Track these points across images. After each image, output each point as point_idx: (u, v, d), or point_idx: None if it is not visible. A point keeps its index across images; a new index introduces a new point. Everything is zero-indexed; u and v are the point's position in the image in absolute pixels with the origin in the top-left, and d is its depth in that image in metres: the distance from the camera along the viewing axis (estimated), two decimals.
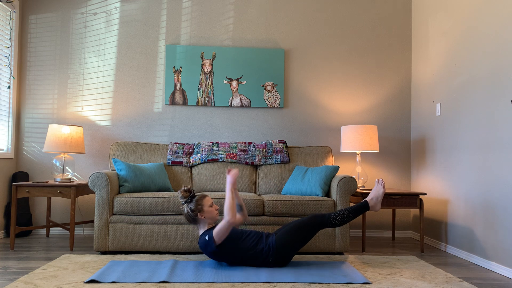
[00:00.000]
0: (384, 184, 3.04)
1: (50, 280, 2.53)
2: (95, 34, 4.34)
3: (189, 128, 4.35)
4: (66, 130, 3.79)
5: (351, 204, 4.37)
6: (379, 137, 4.46)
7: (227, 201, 2.75)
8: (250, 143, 4.08)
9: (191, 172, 3.98)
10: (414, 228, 4.37)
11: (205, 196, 2.98)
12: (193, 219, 2.92)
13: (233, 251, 2.81)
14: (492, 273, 2.95)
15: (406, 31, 4.53)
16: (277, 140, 4.09)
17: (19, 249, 3.48)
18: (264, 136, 4.39)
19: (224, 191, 3.88)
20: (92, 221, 3.98)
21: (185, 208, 2.94)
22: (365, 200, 3.01)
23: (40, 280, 2.52)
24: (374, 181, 4.44)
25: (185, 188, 2.96)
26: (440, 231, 3.83)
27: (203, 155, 3.96)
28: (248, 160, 3.98)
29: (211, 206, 2.94)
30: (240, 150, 4.01)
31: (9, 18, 4.07)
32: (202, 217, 2.92)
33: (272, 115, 4.40)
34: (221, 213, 3.32)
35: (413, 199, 3.61)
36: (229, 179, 2.84)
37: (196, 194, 3.00)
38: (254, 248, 2.82)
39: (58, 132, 3.76)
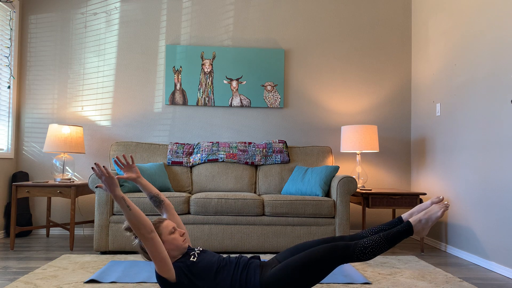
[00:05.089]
0: (447, 207, 2.09)
1: (50, 280, 2.53)
2: (95, 34, 4.34)
3: (189, 128, 4.35)
4: (66, 130, 3.79)
5: (351, 204, 4.37)
6: (379, 137, 4.46)
7: (126, 214, 1.83)
8: (250, 143, 4.08)
9: (191, 172, 3.98)
10: None
11: (162, 220, 2.07)
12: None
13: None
14: (492, 273, 2.95)
15: (406, 31, 4.53)
16: (277, 140, 4.09)
17: (19, 249, 3.48)
18: (264, 136, 4.39)
19: (226, 191, 3.88)
20: (92, 221, 3.98)
21: (139, 243, 2.04)
22: (408, 221, 2.05)
23: (40, 280, 2.52)
24: (374, 181, 4.43)
25: None
26: (440, 231, 3.83)
27: (203, 155, 3.96)
28: (248, 160, 3.98)
29: (172, 232, 2.03)
30: (240, 150, 4.01)
31: (9, 18, 4.07)
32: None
33: (272, 115, 4.40)
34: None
35: (413, 199, 3.62)
36: (107, 184, 1.88)
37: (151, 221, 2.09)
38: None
39: (58, 132, 3.76)
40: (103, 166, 1.89)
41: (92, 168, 1.81)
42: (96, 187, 1.84)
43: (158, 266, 1.90)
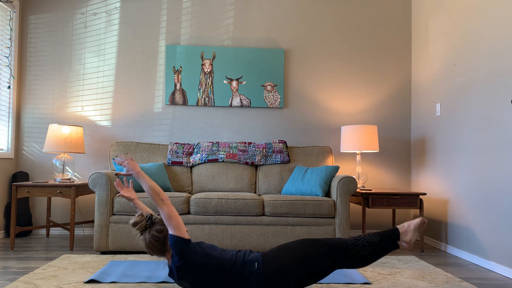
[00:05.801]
0: (424, 222, 2.30)
1: (50, 280, 2.53)
2: (95, 34, 4.34)
3: (189, 128, 4.35)
4: (66, 130, 3.79)
5: (351, 204, 4.37)
6: (379, 137, 4.46)
7: (147, 184, 2.11)
8: (250, 143, 4.08)
9: (191, 172, 3.98)
10: None
11: None
12: (163, 242, 2.16)
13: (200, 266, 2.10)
14: (492, 273, 2.95)
15: (406, 31, 4.53)
16: (277, 140, 4.09)
17: (19, 249, 3.48)
18: (264, 136, 4.39)
19: (226, 191, 3.88)
20: (92, 221, 3.98)
21: (148, 235, 2.16)
22: (395, 226, 2.33)
23: (40, 280, 2.52)
24: (374, 181, 4.44)
25: (136, 214, 2.23)
26: (440, 231, 3.83)
27: (203, 155, 3.96)
28: (248, 160, 3.98)
29: None
30: (240, 150, 4.01)
31: (9, 18, 4.07)
32: None
33: (272, 115, 4.40)
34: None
35: (413, 199, 3.62)
36: (128, 168, 2.20)
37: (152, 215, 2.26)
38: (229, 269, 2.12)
39: (58, 132, 3.76)
40: (127, 153, 2.14)
41: (113, 159, 2.12)
42: (116, 174, 2.20)
43: (173, 226, 2.09)
